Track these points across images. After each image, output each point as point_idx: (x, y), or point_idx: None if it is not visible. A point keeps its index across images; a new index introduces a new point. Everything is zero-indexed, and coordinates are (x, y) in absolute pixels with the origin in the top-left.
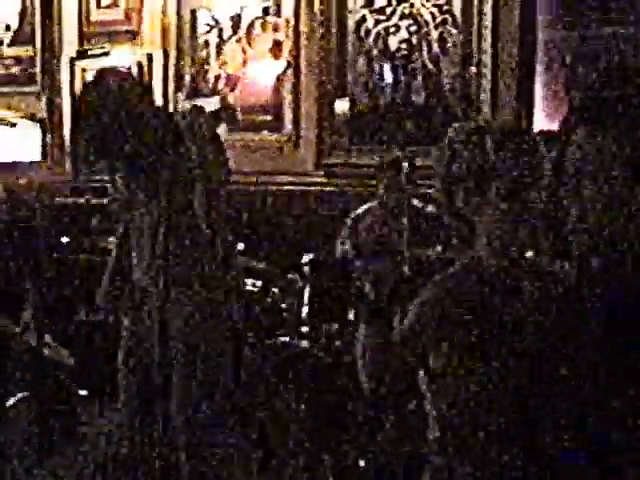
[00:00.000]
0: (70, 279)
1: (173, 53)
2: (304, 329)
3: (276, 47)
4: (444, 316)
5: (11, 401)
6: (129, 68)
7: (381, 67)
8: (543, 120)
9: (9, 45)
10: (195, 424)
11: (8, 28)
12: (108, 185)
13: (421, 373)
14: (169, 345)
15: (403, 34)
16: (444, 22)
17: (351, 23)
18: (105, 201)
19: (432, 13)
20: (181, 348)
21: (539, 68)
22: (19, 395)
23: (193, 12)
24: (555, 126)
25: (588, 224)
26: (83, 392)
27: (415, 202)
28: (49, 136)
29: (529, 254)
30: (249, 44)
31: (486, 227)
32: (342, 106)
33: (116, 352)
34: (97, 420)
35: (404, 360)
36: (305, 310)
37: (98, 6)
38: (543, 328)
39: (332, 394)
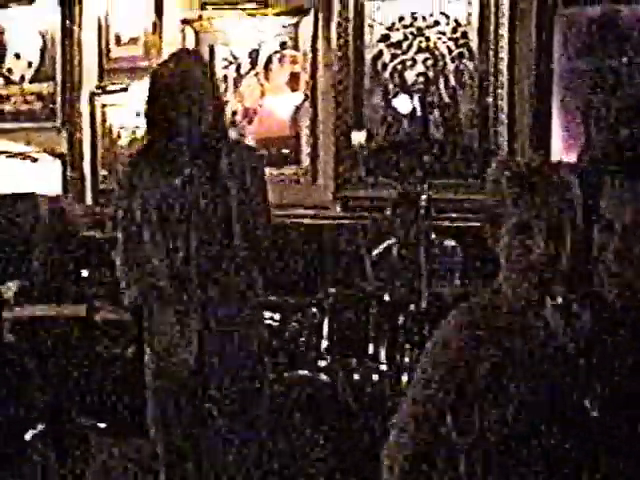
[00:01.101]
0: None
1: None
2: (322, 363)
3: (293, 80)
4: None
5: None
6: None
7: (398, 100)
8: (560, 151)
9: (30, 81)
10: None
11: (30, 65)
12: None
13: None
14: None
15: (420, 68)
16: (460, 55)
17: (368, 57)
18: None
19: (448, 47)
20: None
21: (556, 99)
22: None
23: (211, 48)
24: (573, 157)
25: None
26: (101, 425)
27: (433, 236)
28: (69, 170)
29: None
30: (267, 78)
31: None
32: (359, 139)
33: (133, 384)
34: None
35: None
36: (324, 344)
37: (118, 43)
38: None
39: (352, 429)
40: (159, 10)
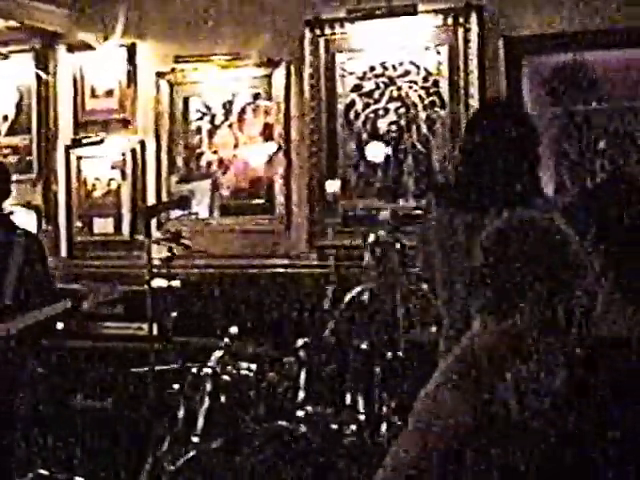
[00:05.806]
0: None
1: (166, 140)
2: (300, 413)
3: (267, 130)
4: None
5: None
6: (123, 154)
7: (371, 148)
8: None
9: (6, 135)
10: None
11: (5, 118)
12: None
13: None
14: None
15: (392, 116)
16: (432, 104)
17: (340, 107)
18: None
19: (420, 96)
20: None
21: None
22: None
23: (185, 100)
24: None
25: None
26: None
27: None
28: (44, 222)
29: None
30: (240, 129)
31: None
32: (333, 188)
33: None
34: None
35: None
36: (302, 394)
37: (93, 95)
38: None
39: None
40: (133, 63)
